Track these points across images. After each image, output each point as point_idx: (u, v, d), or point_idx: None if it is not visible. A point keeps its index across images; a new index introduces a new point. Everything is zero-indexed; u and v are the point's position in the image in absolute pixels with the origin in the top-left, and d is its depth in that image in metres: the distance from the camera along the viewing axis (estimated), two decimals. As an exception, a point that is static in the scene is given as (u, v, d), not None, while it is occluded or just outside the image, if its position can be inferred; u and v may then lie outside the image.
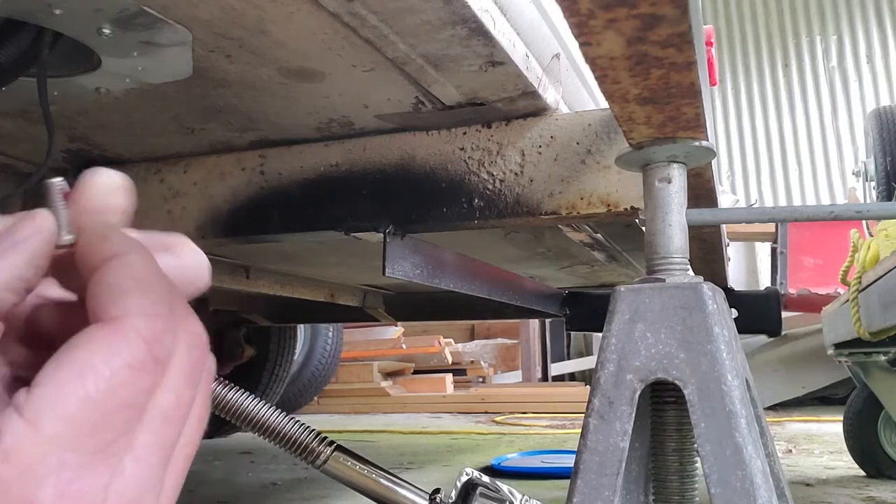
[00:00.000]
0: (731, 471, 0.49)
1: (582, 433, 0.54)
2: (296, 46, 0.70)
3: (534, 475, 2.08)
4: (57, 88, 0.77)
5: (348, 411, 4.72)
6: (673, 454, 0.58)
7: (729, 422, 0.50)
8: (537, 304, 1.74)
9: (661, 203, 0.59)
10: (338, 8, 0.63)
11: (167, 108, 0.88)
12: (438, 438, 3.18)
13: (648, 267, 0.59)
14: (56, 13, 0.62)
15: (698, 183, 0.83)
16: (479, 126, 0.90)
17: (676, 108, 0.52)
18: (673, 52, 0.43)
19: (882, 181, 2.68)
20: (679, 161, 0.59)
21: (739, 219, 0.67)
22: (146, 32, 0.66)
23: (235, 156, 1.01)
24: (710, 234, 1.24)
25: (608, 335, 0.55)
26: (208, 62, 0.74)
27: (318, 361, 3.72)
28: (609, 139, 0.84)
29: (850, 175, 5.78)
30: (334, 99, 0.84)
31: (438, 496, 0.70)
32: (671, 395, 0.57)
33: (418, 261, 0.95)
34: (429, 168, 0.91)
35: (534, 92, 0.82)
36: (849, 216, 0.60)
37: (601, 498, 0.51)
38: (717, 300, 0.54)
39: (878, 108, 3.00)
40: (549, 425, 3.61)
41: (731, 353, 0.52)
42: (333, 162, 0.96)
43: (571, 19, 0.40)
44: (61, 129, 0.95)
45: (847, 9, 6.47)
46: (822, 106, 6.44)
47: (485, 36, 0.68)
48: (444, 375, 4.92)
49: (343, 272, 1.87)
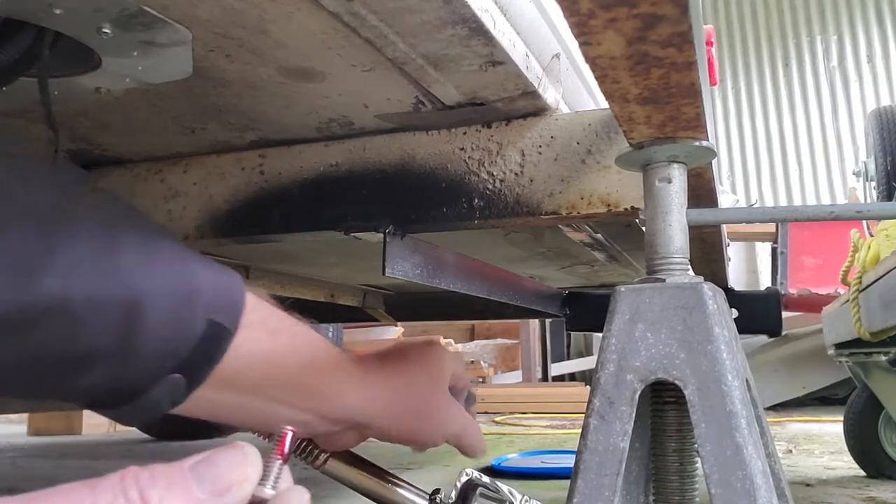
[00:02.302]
0: (731, 471, 0.49)
1: (582, 433, 0.54)
2: (296, 46, 0.70)
3: (534, 475, 2.08)
4: (57, 88, 0.77)
5: (348, 411, 4.71)
6: (673, 454, 0.58)
7: (729, 422, 0.50)
8: (537, 304, 1.73)
9: (661, 203, 0.59)
10: (338, 8, 0.63)
11: (167, 108, 0.88)
12: (438, 438, 3.17)
13: (648, 267, 0.59)
14: (56, 13, 0.62)
15: (699, 183, 0.83)
16: (479, 126, 0.90)
17: (677, 108, 0.52)
18: (673, 52, 0.43)
19: (882, 181, 2.68)
20: (679, 161, 0.59)
21: (740, 219, 0.67)
22: (146, 32, 0.66)
23: (235, 155, 1.01)
24: (710, 234, 1.24)
25: (608, 335, 0.55)
26: (208, 62, 0.74)
27: (319, 361, 3.72)
28: (609, 139, 0.84)
29: (850, 175, 5.78)
30: (334, 99, 0.84)
31: (438, 496, 0.70)
32: (671, 395, 0.57)
33: (418, 261, 0.95)
34: (429, 168, 0.91)
35: (534, 92, 0.82)
36: (849, 216, 0.60)
37: (601, 498, 0.51)
38: (717, 300, 0.54)
39: (879, 107, 3.00)
40: (549, 425, 3.61)
41: (732, 354, 0.52)
42: (333, 162, 0.96)
43: (571, 19, 0.40)
44: (62, 129, 0.95)
45: (847, 8, 6.46)
46: (823, 106, 6.44)
47: (485, 35, 0.68)
48: (444, 375, 4.91)
49: (343, 272, 1.87)
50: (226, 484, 0.33)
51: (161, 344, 0.48)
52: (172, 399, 0.51)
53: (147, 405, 0.50)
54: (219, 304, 0.51)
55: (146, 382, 0.49)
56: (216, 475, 0.32)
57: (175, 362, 0.50)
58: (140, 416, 0.51)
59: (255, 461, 0.34)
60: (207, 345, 0.51)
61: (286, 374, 0.57)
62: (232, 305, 0.53)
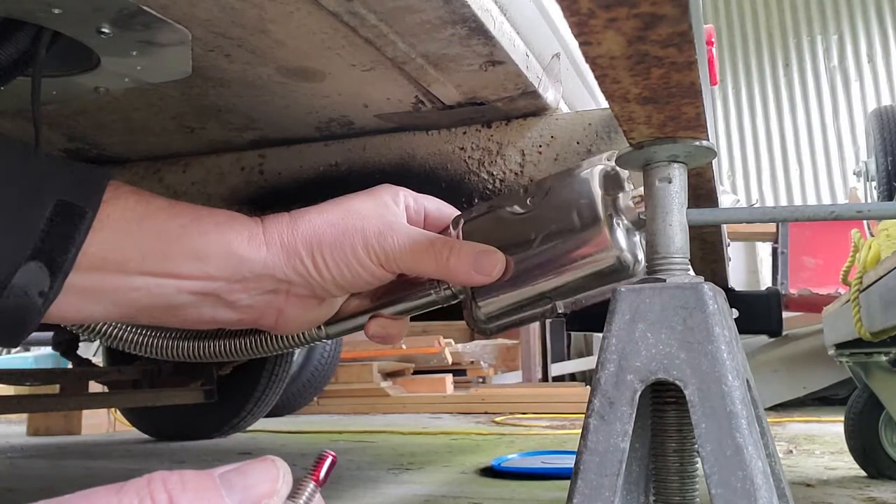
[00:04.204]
0: (731, 471, 0.49)
1: (582, 434, 0.54)
2: (295, 45, 0.70)
3: (534, 476, 2.07)
4: (56, 88, 0.77)
5: (348, 412, 4.72)
6: (673, 455, 0.58)
7: (730, 422, 0.50)
8: (537, 304, 1.73)
9: (661, 203, 0.58)
10: (337, 7, 0.63)
11: (166, 108, 0.88)
12: (438, 439, 3.18)
13: (649, 267, 0.59)
14: (55, 12, 0.62)
15: (699, 183, 0.83)
16: (479, 126, 0.90)
17: (677, 108, 0.52)
18: (673, 52, 0.43)
19: (883, 181, 2.68)
20: (680, 161, 0.59)
21: (740, 219, 0.66)
22: (145, 32, 0.66)
23: (235, 155, 1.01)
24: (710, 234, 1.24)
25: (608, 335, 0.55)
26: (208, 61, 0.74)
27: (318, 362, 3.72)
28: (609, 139, 0.84)
29: (850, 175, 5.78)
30: (334, 98, 0.84)
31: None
32: (672, 395, 0.56)
33: (418, 261, 0.95)
34: (428, 168, 0.91)
35: (534, 91, 0.81)
36: (850, 216, 0.60)
37: (601, 498, 0.51)
38: (717, 300, 0.54)
39: (879, 107, 3.00)
40: (549, 426, 3.61)
41: (732, 354, 0.52)
42: (333, 161, 0.96)
43: (571, 19, 0.39)
44: (60, 129, 0.95)
45: (848, 8, 6.46)
46: (823, 105, 6.44)
47: (485, 35, 0.68)
48: (444, 376, 4.92)
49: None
50: (255, 496, 0.32)
51: (3, 230, 0.48)
52: (39, 289, 0.50)
53: (16, 302, 0.49)
54: (69, 187, 0.51)
55: (2, 275, 0.49)
56: (246, 486, 0.32)
57: (29, 249, 0.49)
58: (14, 316, 0.50)
59: (287, 477, 0.34)
60: (61, 227, 0.50)
61: (167, 240, 0.54)
62: (88, 185, 0.52)
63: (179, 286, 0.56)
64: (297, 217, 0.60)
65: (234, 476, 0.32)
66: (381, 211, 0.61)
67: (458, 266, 0.59)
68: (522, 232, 0.60)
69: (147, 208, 0.54)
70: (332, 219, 0.60)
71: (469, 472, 2.07)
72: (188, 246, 0.55)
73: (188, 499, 0.30)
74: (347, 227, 0.60)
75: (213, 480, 0.32)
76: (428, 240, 0.60)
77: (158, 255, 0.54)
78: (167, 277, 0.55)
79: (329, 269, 0.58)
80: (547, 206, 0.60)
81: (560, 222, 0.59)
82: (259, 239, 0.58)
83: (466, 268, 0.59)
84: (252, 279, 0.58)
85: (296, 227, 0.59)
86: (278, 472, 0.34)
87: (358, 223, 0.60)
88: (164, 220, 0.55)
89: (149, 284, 0.55)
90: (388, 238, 0.59)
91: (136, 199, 0.54)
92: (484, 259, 0.59)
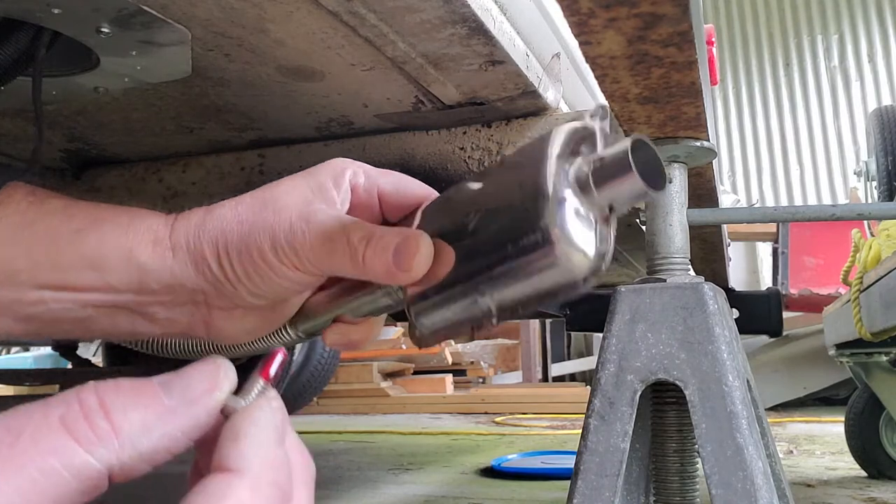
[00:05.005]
0: (732, 472, 0.49)
1: (582, 434, 0.54)
2: (295, 45, 0.70)
3: (534, 476, 2.07)
4: (56, 88, 0.77)
5: (348, 412, 4.72)
6: (674, 455, 0.58)
7: (730, 422, 0.49)
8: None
9: (661, 203, 0.58)
10: (337, 7, 0.63)
11: (166, 108, 0.88)
12: (438, 439, 3.18)
13: (649, 267, 0.59)
14: (55, 13, 0.62)
15: (699, 183, 0.83)
16: (479, 125, 0.90)
17: (677, 108, 0.52)
18: (673, 52, 0.43)
19: (883, 181, 2.68)
20: (680, 161, 0.59)
21: (740, 219, 0.67)
22: (145, 32, 0.66)
23: (235, 155, 1.01)
24: (710, 234, 1.24)
25: (609, 336, 0.55)
26: (207, 61, 0.74)
27: (318, 362, 3.72)
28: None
29: (851, 175, 5.77)
30: (333, 98, 0.84)
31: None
32: (672, 395, 0.56)
33: (418, 261, 0.95)
34: (428, 168, 0.91)
35: (534, 91, 0.81)
36: (850, 217, 0.60)
37: (601, 499, 0.51)
38: (718, 300, 0.54)
39: (880, 107, 2.99)
40: (549, 426, 3.61)
41: (733, 354, 0.52)
42: (333, 162, 0.95)
43: (572, 18, 0.39)
44: (60, 129, 0.95)
45: (848, 8, 6.46)
46: (824, 105, 6.44)
47: (485, 35, 0.68)
48: (444, 376, 4.92)
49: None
50: (196, 392, 0.31)
51: None
52: None
53: None
54: None
55: None
56: (187, 385, 0.31)
57: None
58: None
59: (230, 374, 0.33)
60: None
61: (59, 247, 0.46)
62: None
63: (79, 299, 0.47)
64: (210, 212, 0.49)
65: (173, 378, 0.32)
66: (309, 197, 0.49)
67: (373, 262, 0.44)
68: (464, 212, 0.45)
69: (39, 211, 0.47)
70: (243, 213, 0.48)
71: (469, 472, 2.07)
72: (82, 253, 0.47)
73: (121, 401, 0.29)
74: (257, 223, 0.47)
75: (151, 384, 0.31)
76: (343, 230, 0.46)
77: (49, 265, 0.46)
78: (63, 290, 0.47)
79: (238, 276, 0.47)
80: (496, 174, 0.46)
81: (499, 199, 0.43)
82: (164, 244, 0.47)
83: (384, 264, 0.44)
84: (162, 290, 0.48)
85: (204, 227, 0.48)
86: (219, 369, 0.33)
87: (269, 217, 0.47)
88: (57, 224, 0.47)
89: (45, 298, 0.47)
90: (297, 234, 0.46)
91: (29, 202, 0.47)
92: (403, 251, 0.44)
